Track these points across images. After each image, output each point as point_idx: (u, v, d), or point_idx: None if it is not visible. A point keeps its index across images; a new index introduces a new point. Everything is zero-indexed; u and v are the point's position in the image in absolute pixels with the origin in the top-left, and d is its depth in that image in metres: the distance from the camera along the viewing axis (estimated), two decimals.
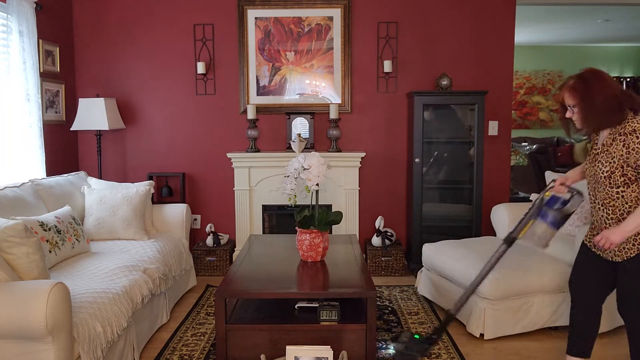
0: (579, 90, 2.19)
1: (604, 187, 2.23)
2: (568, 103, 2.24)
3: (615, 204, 2.22)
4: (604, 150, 2.23)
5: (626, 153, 2.14)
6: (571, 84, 2.22)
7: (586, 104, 2.18)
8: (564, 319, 3.13)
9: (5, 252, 2.28)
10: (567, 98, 2.24)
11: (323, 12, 4.56)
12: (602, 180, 2.22)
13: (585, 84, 2.19)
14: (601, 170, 2.22)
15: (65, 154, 4.54)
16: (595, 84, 2.17)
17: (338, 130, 4.46)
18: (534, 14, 6.48)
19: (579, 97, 2.20)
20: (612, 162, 2.18)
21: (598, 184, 2.25)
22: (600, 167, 2.22)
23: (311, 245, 2.94)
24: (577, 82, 2.21)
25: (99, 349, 2.31)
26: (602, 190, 2.24)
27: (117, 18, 4.63)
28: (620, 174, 2.17)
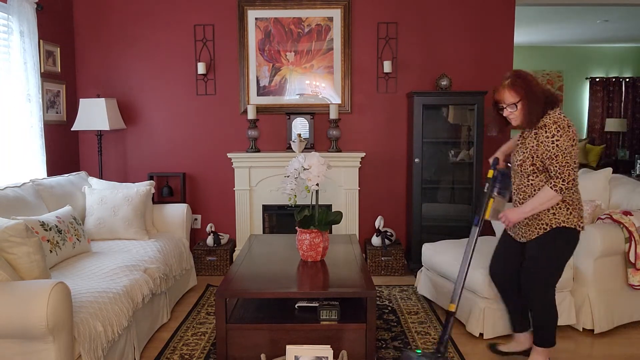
0: (522, 86, 2.36)
1: (518, 174, 2.51)
2: (509, 102, 2.39)
3: (526, 190, 2.49)
4: (522, 142, 2.49)
5: (536, 145, 2.38)
6: (510, 83, 2.38)
7: (530, 98, 2.35)
8: (562, 319, 3.14)
9: (6, 251, 2.28)
10: (510, 97, 2.39)
11: (323, 13, 4.57)
12: (517, 168, 2.50)
13: (524, 81, 2.37)
14: (516, 159, 2.50)
15: (66, 154, 4.54)
16: (532, 80, 2.38)
17: (338, 130, 4.47)
18: (534, 14, 6.49)
19: (522, 93, 2.35)
20: (525, 152, 2.44)
21: (515, 171, 2.54)
22: (516, 157, 2.50)
23: (311, 245, 2.95)
24: (517, 80, 2.37)
25: (99, 349, 2.32)
26: (517, 178, 2.53)
27: (118, 18, 4.64)
28: (529, 164, 2.41)
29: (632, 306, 3.24)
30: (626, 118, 9.18)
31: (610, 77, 9.23)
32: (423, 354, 2.52)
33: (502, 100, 2.42)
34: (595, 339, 3.11)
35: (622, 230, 3.13)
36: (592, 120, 9.32)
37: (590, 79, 9.26)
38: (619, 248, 3.13)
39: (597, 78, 9.24)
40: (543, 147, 2.35)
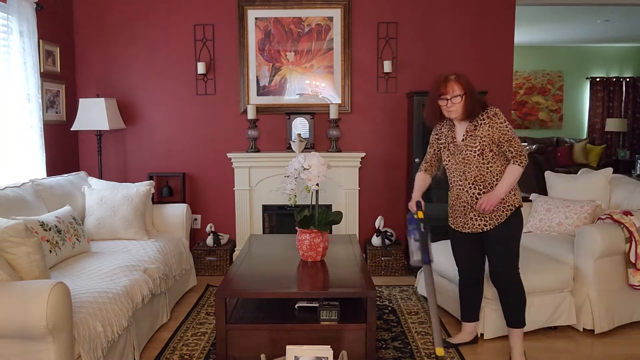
0: (465, 81, 2.63)
1: (476, 165, 2.65)
2: (456, 93, 2.61)
3: (486, 178, 2.65)
4: (469, 136, 2.66)
5: (491, 132, 2.60)
6: (456, 77, 2.63)
7: (471, 93, 2.62)
8: (563, 318, 3.14)
9: (6, 252, 2.28)
10: (456, 88, 2.61)
11: (323, 13, 4.57)
12: (474, 159, 2.64)
13: (465, 78, 2.65)
14: (472, 151, 2.64)
15: (66, 154, 4.54)
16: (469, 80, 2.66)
17: (338, 130, 4.47)
18: (534, 14, 6.49)
19: (467, 88, 2.61)
20: (482, 141, 2.62)
21: (469, 165, 2.67)
22: (471, 149, 2.65)
23: (311, 245, 2.95)
24: (460, 76, 2.64)
25: (99, 349, 2.31)
26: (473, 169, 2.66)
27: (118, 18, 4.63)
28: (489, 150, 2.62)
29: (633, 306, 3.24)
30: (626, 118, 9.18)
31: (611, 77, 9.23)
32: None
33: (449, 91, 2.61)
34: (595, 339, 3.11)
35: (623, 230, 3.13)
36: (592, 120, 9.32)
37: (591, 78, 9.26)
38: (620, 248, 3.12)
39: (597, 78, 9.24)
40: (499, 132, 2.60)
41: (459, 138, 2.72)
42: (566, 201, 3.68)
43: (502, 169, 2.66)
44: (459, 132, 2.73)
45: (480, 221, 2.71)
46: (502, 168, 2.66)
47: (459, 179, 2.74)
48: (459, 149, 2.71)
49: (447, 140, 2.79)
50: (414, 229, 2.61)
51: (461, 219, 2.80)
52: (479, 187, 2.68)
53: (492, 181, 2.66)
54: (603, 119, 9.23)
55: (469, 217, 2.75)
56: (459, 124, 2.73)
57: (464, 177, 2.71)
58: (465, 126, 2.69)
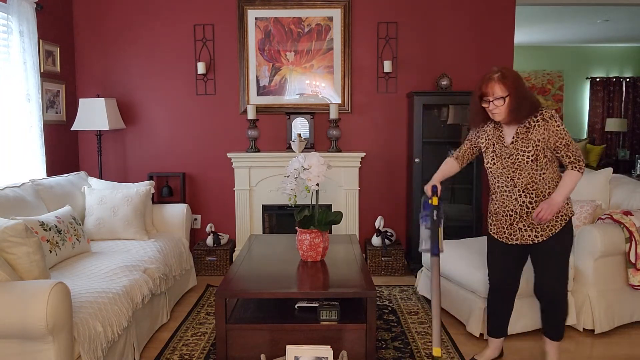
0: (512, 80, 2.34)
1: (527, 172, 2.42)
2: (498, 95, 2.35)
3: (538, 186, 2.43)
4: (520, 138, 2.42)
5: (547, 136, 2.37)
6: (500, 76, 2.35)
7: (518, 94, 2.34)
8: None
9: (6, 252, 2.28)
10: (499, 90, 2.35)
11: (323, 13, 4.57)
12: (527, 165, 2.41)
13: (513, 76, 2.36)
14: (525, 156, 2.40)
15: (66, 154, 4.54)
16: (519, 78, 2.39)
17: (338, 130, 4.46)
18: (534, 14, 6.49)
19: (512, 88, 2.34)
20: (536, 146, 2.38)
21: (520, 171, 2.43)
22: (523, 154, 2.41)
23: (311, 245, 2.94)
24: (505, 75, 2.35)
25: (99, 349, 2.31)
26: (524, 175, 2.43)
27: (118, 18, 4.63)
28: (543, 155, 2.39)
29: (633, 306, 3.24)
30: (627, 118, 9.18)
31: (611, 77, 9.23)
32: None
33: (491, 93, 2.37)
34: (595, 339, 3.11)
35: (623, 230, 3.13)
36: (592, 120, 9.32)
37: (591, 78, 9.26)
38: (620, 248, 3.12)
39: (597, 78, 9.24)
40: (556, 136, 2.36)
41: (507, 140, 2.47)
42: None
43: (555, 176, 2.45)
44: (508, 134, 2.47)
45: (531, 232, 2.48)
46: (554, 175, 2.45)
47: (506, 185, 2.49)
48: (507, 152, 2.45)
49: (491, 141, 2.54)
50: (427, 216, 2.47)
51: (507, 229, 2.54)
52: (530, 196, 2.44)
53: (545, 189, 2.43)
54: (603, 119, 9.23)
55: (517, 227, 2.50)
56: (507, 127, 2.48)
57: (512, 183, 2.46)
58: (516, 128, 2.44)
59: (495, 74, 2.37)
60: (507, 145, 2.46)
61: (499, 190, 2.53)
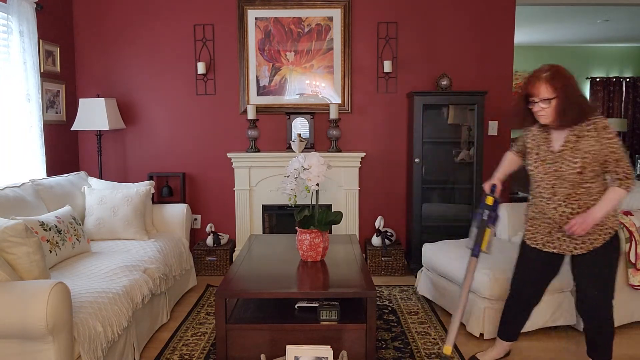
0: (561, 83, 2.17)
1: (570, 182, 2.27)
2: (544, 96, 2.20)
3: (581, 197, 2.28)
4: (568, 147, 2.26)
5: (598, 149, 2.20)
6: (550, 76, 2.19)
7: (567, 97, 2.17)
8: (564, 318, 3.14)
9: (6, 252, 2.28)
10: (544, 91, 2.20)
11: (323, 13, 4.57)
12: (571, 176, 2.25)
13: (563, 77, 2.19)
14: (570, 167, 2.25)
15: (66, 154, 4.54)
16: (570, 79, 2.20)
17: (338, 130, 4.46)
18: (534, 14, 6.48)
19: (560, 90, 2.17)
20: (585, 157, 2.22)
21: (562, 180, 2.28)
22: (569, 164, 2.25)
23: (311, 245, 2.94)
24: (555, 75, 2.19)
25: (99, 349, 2.31)
26: (567, 186, 2.28)
27: (118, 18, 4.63)
28: (590, 169, 2.23)
29: (633, 306, 3.23)
30: (627, 118, 9.17)
31: (611, 77, 9.22)
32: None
33: (536, 93, 2.21)
34: None
35: (623, 230, 3.13)
36: None
37: (591, 78, 9.25)
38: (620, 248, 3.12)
39: (597, 78, 9.23)
40: (608, 149, 2.19)
41: (555, 145, 2.30)
42: None
43: (601, 189, 2.28)
44: (557, 139, 2.30)
45: (570, 243, 2.36)
46: (600, 188, 2.28)
47: (547, 192, 2.35)
48: (552, 158, 2.31)
49: (537, 142, 2.39)
50: (479, 214, 2.45)
51: (544, 236, 2.44)
52: (571, 206, 2.29)
53: (588, 201, 2.28)
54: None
55: (555, 236, 2.39)
56: (556, 131, 2.31)
57: (552, 192, 2.32)
58: (566, 133, 2.26)
59: (544, 73, 2.21)
60: (554, 151, 2.30)
61: (539, 196, 2.39)
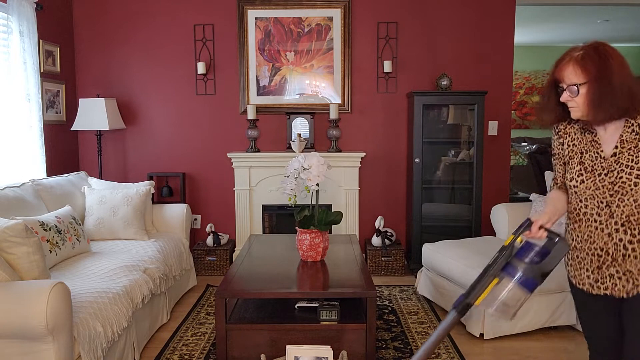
0: (595, 63, 1.63)
1: (633, 197, 1.67)
2: (572, 81, 1.66)
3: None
4: (627, 148, 1.68)
5: None
6: (581, 56, 1.64)
7: (603, 82, 1.62)
8: (563, 319, 3.14)
9: (6, 252, 2.28)
10: (572, 74, 1.65)
11: (323, 13, 4.57)
12: (634, 188, 1.66)
13: (601, 57, 1.63)
14: (633, 174, 1.65)
15: (66, 154, 4.54)
16: (614, 59, 1.63)
17: (338, 130, 4.46)
18: (534, 14, 6.48)
19: (593, 73, 1.62)
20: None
21: (622, 195, 1.68)
22: (630, 169, 1.66)
23: (311, 245, 2.94)
24: (588, 53, 1.64)
25: (99, 349, 2.31)
26: (628, 203, 1.68)
27: (118, 18, 4.63)
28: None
29: None
30: None
31: None
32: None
33: (563, 78, 1.69)
34: None
35: None
36: None
37: None
38: None
39: None
40: None
41: (606, 148, 1.73)
42: None
43: None
44: (607, 140, 1.73)
45: (627, 282, 1.72)
46: None
47: (597, 212, 1.74)
48: (605, 166, 1.72)
49: (579, 148, 1.80)
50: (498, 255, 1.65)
51: (590, 273, 1.79)
52: (632, 231, 1.69)
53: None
54: None
55: (607, 272, 1.74)
56: (603, 130, 1.74)
57: (607, 211, 1.72)
58: (620, 131, 1.70)
59: (577, 52, 1.66)
60: (606, 156, 1.72)
61: (586, 217, 1.78)
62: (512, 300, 1.61)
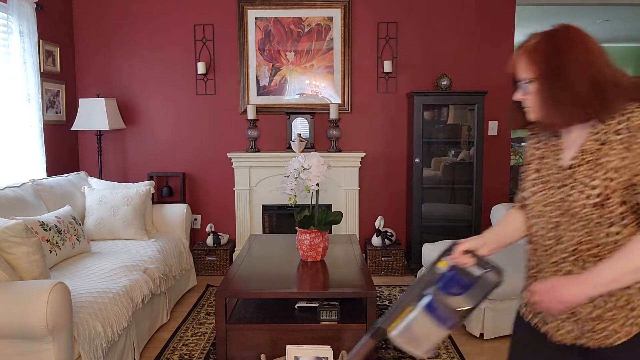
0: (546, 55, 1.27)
1: (585, 223, 1.26)
2: (521, 76, 1.32)
3: (601, 250, 1.26)
4: (586, 160, 1.27)
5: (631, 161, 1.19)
6: (532, 46, 1.29)
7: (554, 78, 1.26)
8: None
9: (6, 252, 2.28)
10: (522, 68, 1.31)
11: (323, 13, 4.57)
12: (585, 210, 1.25)
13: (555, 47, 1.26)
14: (585, 193, 1.25)
15: (66, 154, 4.54)
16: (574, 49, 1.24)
17: (338, 130, 4.46)
18: (534, 14, 6.48)
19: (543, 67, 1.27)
20: (609, 178, 1.22)
21: (569, 217, 1.29)
22: (583, 188, 1.26)
23: (311, 245, 2.94)
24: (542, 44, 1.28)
25: (99, 349, 2.31)
26: (578, 228, 1.28)
27: (118, 18, 4.63)
28: (619, 201, 1.22)
29: None
30: None
31: None
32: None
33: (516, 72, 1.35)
34: None
35: None
36: None
37: None
38: None
39: None
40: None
41: (566, 157, 1.33)
42: None
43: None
44: (570, 147, 1.33)
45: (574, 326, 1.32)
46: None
47: (546, 237, 1.35)
48: (561, 178, 1.32)
49: (542, 153, 1.42)
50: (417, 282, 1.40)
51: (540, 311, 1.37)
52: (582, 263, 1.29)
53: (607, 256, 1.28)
54: None
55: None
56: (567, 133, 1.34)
57: (554, 235, 1.33)
58: (583, 137, 1.29)
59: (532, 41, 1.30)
60: (564, 166, 1.32)
61: (535, 240, 1.41)
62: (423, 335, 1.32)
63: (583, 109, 1.24)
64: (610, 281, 1.20)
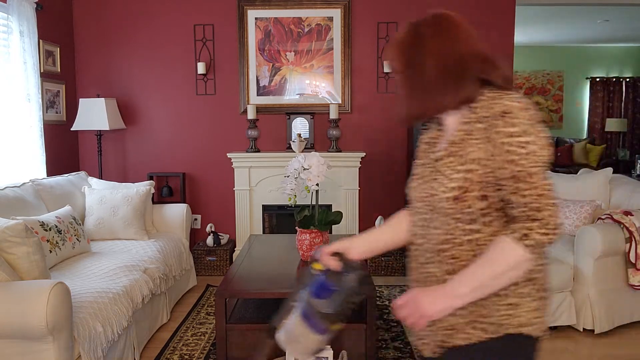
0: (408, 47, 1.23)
1: (445, 219, 1.18)
2: (390, 68, 1.32)
3: (461, 253, 1.17)
4: (449, 152, 1.19)
5: (489, 153, 1.11)
6: (397, 38, 1.27)
7: (410, 69, 1.22)
8: (563, 319, 3.14)
9: (6, 252, 2.28)
10: (390, 61, 1.27)
11: (323, 13, 4.57)
12: (444, 206, 1.17)
13: (417, 36, 1.23)
14: (441, 187, 1.17)
15: (66, 154, 4.54)
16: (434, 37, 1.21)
17: (338, 130, 4.46)
18: (534, 14, 6.49)
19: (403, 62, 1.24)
20: (468, 171, 1.14)
21: (435, 214, 1.21)
22: (441, 182, 1.17)
23: (311, 245, 2.94)
24: (407, 34, 1.25)
25: (99, 349, 2.31)
26: (440, 225, 1.19)
27: (118, 18, 4.63)
28: (478, 195, 1.13)
29: (633, 306, 3.24)
30: (626, 118, 9.18)
31: (611, 77, 9.22)
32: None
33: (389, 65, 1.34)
34: (595, 339, 3.10)
35: (623, 230, 3.13)
36: (592, 120, 9.32)
37: (591, 78, 9.26)
38: (619, 248, 3.12)
39: (597, 78, 9.24)
40: (505, 155, 1.09)
41: (438, 148, 1.27)
42: (566, 201, 3.67)
43: None
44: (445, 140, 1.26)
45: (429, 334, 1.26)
46: None
47: (419, 235, 1.28)
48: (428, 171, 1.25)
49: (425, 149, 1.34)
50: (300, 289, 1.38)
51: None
52: (446, 265, 1.19)
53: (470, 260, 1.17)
54: (603, 119, 9.22)
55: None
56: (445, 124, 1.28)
57: (424, 235, 1.25)
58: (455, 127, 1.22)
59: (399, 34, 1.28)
60: (436, 157, 1.24)
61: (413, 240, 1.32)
62: (303, 337, 1.30)
63: (435, 97, 1.18)
64: (472, 289, 1.12)
